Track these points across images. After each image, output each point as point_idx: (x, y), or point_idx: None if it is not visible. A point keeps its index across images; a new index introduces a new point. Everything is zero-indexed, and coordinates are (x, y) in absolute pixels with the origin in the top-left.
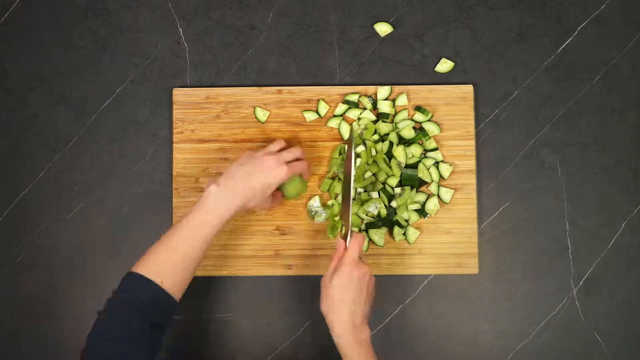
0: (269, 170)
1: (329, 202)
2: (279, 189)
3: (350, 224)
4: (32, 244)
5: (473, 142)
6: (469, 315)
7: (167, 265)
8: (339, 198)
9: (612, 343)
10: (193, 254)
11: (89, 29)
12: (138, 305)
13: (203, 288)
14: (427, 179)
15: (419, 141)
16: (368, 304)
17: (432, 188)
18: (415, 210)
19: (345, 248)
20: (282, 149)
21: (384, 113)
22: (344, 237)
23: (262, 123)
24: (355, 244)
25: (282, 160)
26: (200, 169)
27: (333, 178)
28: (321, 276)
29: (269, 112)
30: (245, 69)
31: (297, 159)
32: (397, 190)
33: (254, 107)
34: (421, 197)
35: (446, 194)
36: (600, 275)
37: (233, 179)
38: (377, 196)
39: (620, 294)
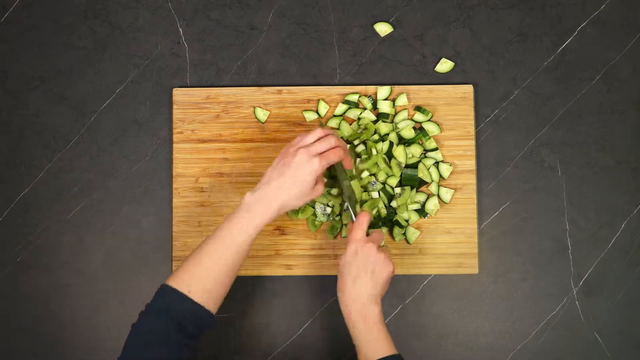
0: (300, 167)
1: (330, 203)
2: (326, 175)
3: (354, 205)
4: (32, 244)
5: (473, 142)
6: (469, 315)
7: (196, 275)
8: (343, 196)
9: (612, 343)
10: (225, 263)
11: (89, 29)
12: (169, 316)
13: None
14: (427, 179)
15: (419, 141)
16: (376, 283)
17: (432, 188)
18: (415, 210)
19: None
20: (319, 139)
21: (384, 113)
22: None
23: (263, 123)
24: (357, 221)
25: (314, 152)
26: (200, 169)
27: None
28: (321, 276)
29: (269, 112)
30: (245, 69)
31: (333, 147)
32: (397, 190)
33: (254, 107)
34: (421, 197)
35: (446, 194)
36: (600, 275)
37: (268, 184)
38: (377, 196)
39: (620, 294)
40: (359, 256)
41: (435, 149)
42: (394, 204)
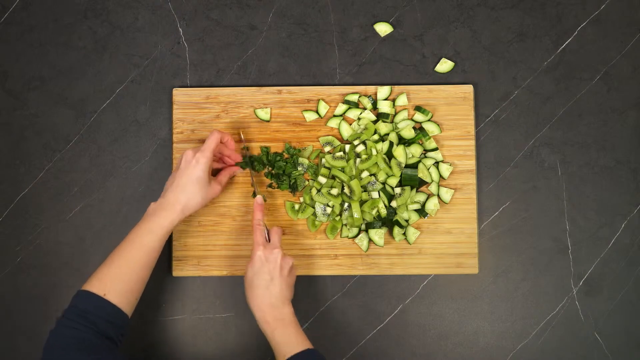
0: (188, 165)
1: (330, 203)
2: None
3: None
4: (32, 244)
5: (473, 142)
6: (469, 315)
7: (110, 277)
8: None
9: (612, 343)
10: (136, 264)
11: (89, 29)
12: (87, 319)
13: (203, 288)
14: (427, 179)
15: (419, 141)
16: (287, 285)
17: (432, 188)
18: (415, 210)
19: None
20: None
21: (384, 113)
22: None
23: (268, 121)
24: (255, 231)
25: (196, 150)
26: None
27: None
28: (321, 276)
29: (269, 109)
30: (245, 69)
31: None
32: (397, 190)
33: (254, 109)
34: (421, 197)
35: (446, 194)
36: (600, 275)
37: (167, 190)
38: (377, 196)
39: (620, 294)
40: (269, 263)
41: (435, 149)
42: (394, 204)
